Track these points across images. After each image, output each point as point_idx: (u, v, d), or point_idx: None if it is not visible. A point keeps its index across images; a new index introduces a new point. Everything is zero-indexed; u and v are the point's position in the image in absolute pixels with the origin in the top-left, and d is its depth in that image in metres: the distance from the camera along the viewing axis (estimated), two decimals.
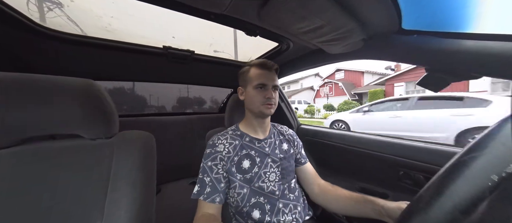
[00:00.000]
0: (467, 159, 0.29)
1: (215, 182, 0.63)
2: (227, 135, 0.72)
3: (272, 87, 0.69)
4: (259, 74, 0.69)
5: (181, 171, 1.54)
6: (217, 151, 0.67)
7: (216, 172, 0.64)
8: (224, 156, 0.67)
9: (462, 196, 0.26)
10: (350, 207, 0.65)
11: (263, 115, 0.71)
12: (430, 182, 0.32)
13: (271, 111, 0.69)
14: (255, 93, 0.69)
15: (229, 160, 0.67)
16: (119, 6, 0.70)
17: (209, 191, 0.62)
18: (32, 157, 0.49)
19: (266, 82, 0.68)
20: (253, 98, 0.69)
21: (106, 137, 0.57)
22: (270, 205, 0.66)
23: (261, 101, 0.68)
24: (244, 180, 0.66)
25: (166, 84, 1.52)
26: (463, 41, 0.47)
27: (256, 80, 0.69)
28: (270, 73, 0.70)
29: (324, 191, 0.74)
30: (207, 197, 0.61)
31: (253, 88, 0.69)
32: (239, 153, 0.68)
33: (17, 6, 0.64)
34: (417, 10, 0.52)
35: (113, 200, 0.51)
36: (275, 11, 0.55)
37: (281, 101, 1.46)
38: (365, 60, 0.78)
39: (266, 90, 0.69)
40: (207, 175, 0.64)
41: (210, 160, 0.66)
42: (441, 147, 0.77)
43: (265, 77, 0.69)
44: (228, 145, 0.69)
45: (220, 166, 0.65)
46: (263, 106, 0.68)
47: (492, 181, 0.25)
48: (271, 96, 0.67)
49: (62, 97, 0.49)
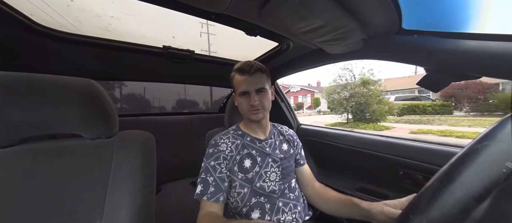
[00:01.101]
0: (479, 148, 0.29)
1: (219, 182, 0.63)
2: (229, 135, 0.72)
3: (255, 91, 0.67)
4: (240, 81, 0.67)
5: (181, 171, 1.54)
6: (220, 150, 0.67)
7: (219, 171, 0.64)
8: (227, 155, 0.66)
9: (475, 183, 0.26)
10: (339, 209, 0.67)
11: (252, 121, 0.71)
12: (438, 173, 0.32)
13: (258, 116, 0.68)
14: (241, 100, 0.68)
15: (232, 159, 0.67)
16: (119, 6, 0.70)
17: (213, 190, 0.61)
18: (32, 156, 0.49)
19: (247, 89, 0.66)
20: (240, 105, 0.70)
21: (106, 136, 0.57)
22: (270, 204, 0.66)
23: (247, 108, 0.67)
24: (245, 179, 0.66)
25: (166, 84, 1.52)
26: (463, 41, 0.47)
27: (239, 88, 0.68)
28: (250, 77, 0.66)
29: (317, 192, 0.75)
30: (211, 197, 0.61)
31: (239, 96, 0.69)
32: (241, 152, 0.68)
33: (17, 5, 0.64)
34: (418, 10, 0.52)
35: (113, 199, 0.51)
36: (275, 11, 0.55)
37: (281, 101, 1.46)
38: (365, 60, 0.78)
39: (249, 96, 0.67)
40: (210, 175, 0.64)
41: (213, 160, 0.65)
42: (441, 148, 0.77)
43: (246, 83, 0.66)
44: (231, 144, 0.69)
45: (223, 165, 0.65)
46: (248, 113, 0.68)
47: (507, 167, 0.25)
48: (254, 103, 0.65)
49: (62, 96, 0.49)
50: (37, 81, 0.47)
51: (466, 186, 0.27)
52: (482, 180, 0.26)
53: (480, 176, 0.27)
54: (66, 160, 0.52)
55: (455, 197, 0.27)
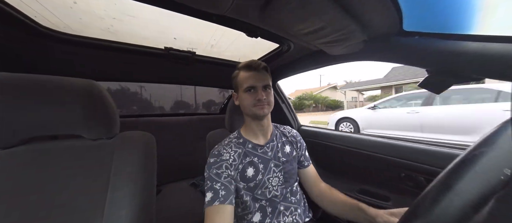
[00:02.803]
0: (477, 154, 0.28)
1: (227, 184, 0.62)
2: (231, 144, 0.70)
3: (262, 87, 0.67)
4: (247, 77, 0.68)
5: (181, 172, 1.54)
6: (223, 159, 0.65)
7: (224, 177, 0.63)
8: (230, 163, 0.65)
9: (472, 191, 0.26)
10: (344, 212, 0.66)
11: (257, 117, 0.69)
12: (436, 180, 0.32)
13: (265, 111, 0.67)
14: (246, 96, 0.67)
15: (235, 167, 0.66)
16: (121, 8, 0.71)
17: (224, 193, 0.59)
18: (33, 157, 0.49)
19: (254, 83, 0.67)
20: (244, 101, 0.68)
21: (107, 137, 0.58)
22: (272, 208, 0.67)
23: (252, 103, 0.66)
24: (248, 188, 0.66)
25: (168, 85, 1.53)
26: (464, 42, 0.46)
27: (245, 83, 0.67)
28: (258, 73, 0.68)
29: (322, 193, 0.75)
30: (225, 200, 0.58)
31: (244, 91, 0.68)
32: (243, 161, 0.67)
33: (19, 6, 0.64)
34: (419, 11, 0.52)
35: (113, 200, 0.51)
36: (276, 12, 0.55)
37: (282, 102, 1.46)
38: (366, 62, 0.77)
39: (256, 92, 0.67)
40: (216, 182, 0.61)
41: (215, 168, 0.63)
42: (443, 149, 0.76)
43: (253, 78, 0.67)
44: (233, 152, 0.68)
45: (226, 174, 0.64)
46: (255, 107, 0.66)
47: (505, 175, 0.25)
48: (261, 97, 0.66)
49: (63, 97, 0.50)
50: (39, 82, 0.48)
51: (464, 194, 0.26)
52: (480, 187, 0.26)
53: (478, 184, 0.26)
54: (67, 160, 0.52)
55: (452, 206, 0.27)
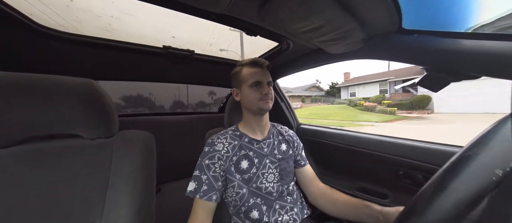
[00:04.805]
0: (470, 155, 0.29)
1: (212, 180, 0.63)
2: (227, 135, 0.72)
3: (266, 83, 0.70)
4: (252, 73, 0.70)
5: (180, 171, 1.54)
6: (216, 150, 0.67)
7: (213, 171, 0.64)
8: (222, 155, 0.66)
9: (466, 190, 0.27)
10: (347, 211, 0.66)
11: (262, 111, 0.71)
12: (431, 179, 0.33)
13: (269, 105, 0.70)
14: (251, 91, 0.69)
15: (228, 159, 0.67)
16: (118, 6, 0.70)
17: (206, 189, 0.62)
18: (31, 156, 0.49)
19: (260, 79, 0.69)
20: (249, 96, 0.70)
21: (106, 136, 0.57)
22: (267, 206, 0.66)
23: (258, 97, 0.68)
24: (243, 180, 0.66)
25: (166, 84, 1.52)
26: (463, 40, 0.46)
27: (251, 78, 0.69)
28: (263, 70, 0.71)
29: (322, 194, 0.74)
30: (204, 195, 0.61)
31: (248, 87, 0.70)
32: (237, 153, 0.68)
33: (17, 5, 0.64)
34: (418, 9, 0.52)
35: (112, 199, 0.51)
36: (275, 11, 0.55)
37: (281, 101, 1.46)
38: (365, 60, 0.77)
39: (262, 87, 0.69)
40: (204, 173, 0.64)
41: (207, 158, 0.66)
42: (441, 147, 0.77)
43: (259, 74, 0.70)
44: (228, 144, 0.69)
45: (218, 165, 0.65)
46: (260, 101, 0.68)
47: (497, 175, 0.25)
48: (268, 92, 0.68)
49: (62, 96, 0.49)
50: (37, 81, 0.47)
51: (458, 194, 0.27)
52: (473, 187, 0.26)
53: (471, 184, 0.27)
54: (66, 160, 0.52)
55: (447, 205, 0.27)
